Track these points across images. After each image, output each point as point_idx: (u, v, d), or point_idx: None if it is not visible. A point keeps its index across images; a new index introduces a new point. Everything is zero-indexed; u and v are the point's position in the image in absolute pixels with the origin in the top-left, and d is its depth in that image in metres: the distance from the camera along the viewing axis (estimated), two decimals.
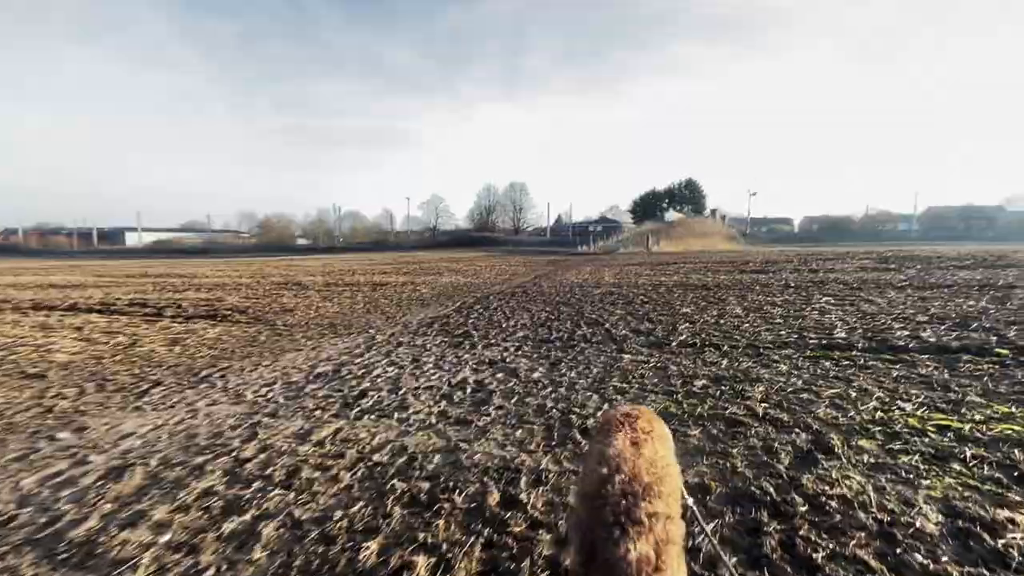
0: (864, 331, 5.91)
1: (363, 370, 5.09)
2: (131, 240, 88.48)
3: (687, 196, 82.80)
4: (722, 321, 6.97)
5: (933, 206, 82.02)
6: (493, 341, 6.34)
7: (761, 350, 5.30)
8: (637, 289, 11.17)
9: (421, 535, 2.20)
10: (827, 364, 4.67)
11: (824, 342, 5.49)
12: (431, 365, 5.23)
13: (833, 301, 8.27)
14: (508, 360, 5.35)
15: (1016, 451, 2.74)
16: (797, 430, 3.15)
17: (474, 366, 5.15)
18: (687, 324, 6.85)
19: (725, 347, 5.48)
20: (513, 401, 4.00)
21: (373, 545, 2.13)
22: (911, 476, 2.54)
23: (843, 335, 5.76)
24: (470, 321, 7.85)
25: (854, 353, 5.00)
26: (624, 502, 1.29)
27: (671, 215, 71.20)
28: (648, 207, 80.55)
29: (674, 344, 5.80)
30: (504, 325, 7.40)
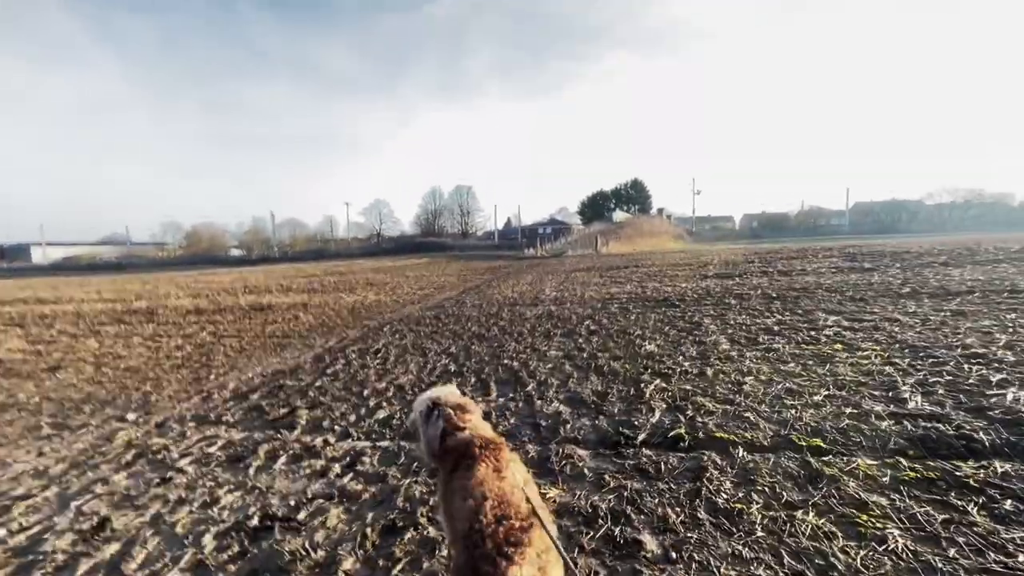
0: (953, 395, 3.48)
1: None
2: (37, 256, 79.11)
3: (634, 196, 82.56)
4: (709, 370, 4.42)
5: (860, 201, 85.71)
6: (327, 435, 3.48)
7: (808, 457, 2.73)
8: (583, 307, 8.59)
9: None
10: (979, 520, 2.14)
11: (910, 428, 2.99)
12: (106, 558, 2.31)
13: (845, 323, 5.96)
14: (306, 509, 2.51)
15: None
16: None
17: (213, 548, 2.27)
18: (658, 381, 4.24)
19: (739, 451, 2.87)
20: None
21: None
22: None
23: (927, 407, 3.30)
24: (323, 379, 4.95)
25: (1001, 467, 2.50)
26: (500, 528, 1.26)
27: (619, 215, 70.35)
28: (596, 208, 79.63)
29: (642, 438, 3.15)
30: (368, 391, 4.54)
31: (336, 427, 3.71)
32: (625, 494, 2.51)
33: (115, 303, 14.72)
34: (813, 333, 5.54)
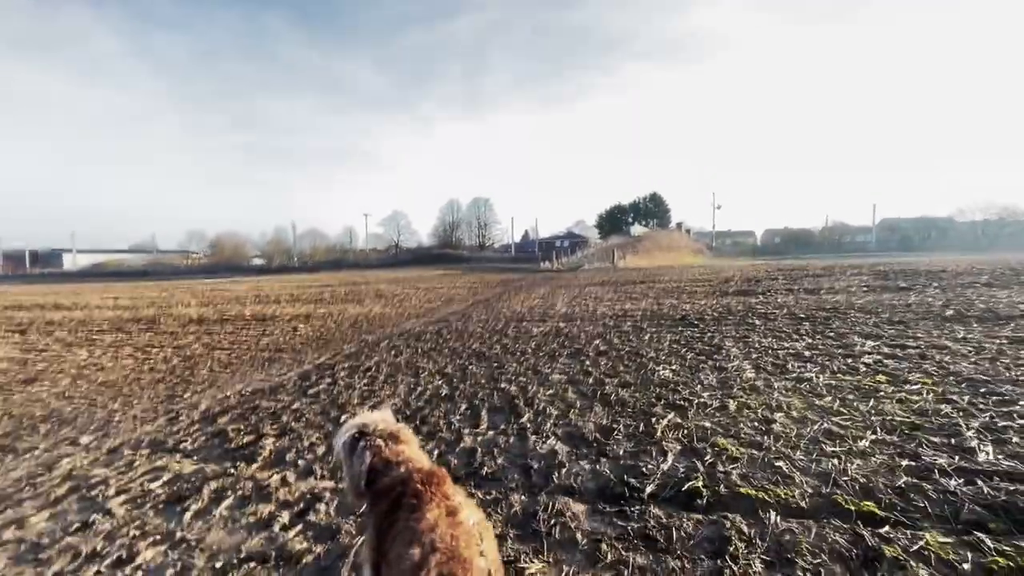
0: None
1: None
2: (68, 263, 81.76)
3: (652, 210, 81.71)
4: (731, 403, 3.86)
5: (887, 217, 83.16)
6: (288, 470, 3.03)
7: (860, 528, 2.17)
8: (594, 325, 8.06)
9: None
10: None
11: (988, 492, 2.40)
12: None
13: (886, 349, 5.32)
14: None
15: None
16: None
17: None
18: (672, 415, 3.69)
19: (771, 515, 2.32)
20: None
21: None
22: None
23: (1003, 460, 2.70)
24: (302, 401, 4.53)
25: None
26: None
27: (637, 229, 69.57)
28: (614, 222, 78.96)
29: (651, 490, 2.62)
30: (347, 417, 4.09)
31: (300, 460, 3.26)
32: (626, 573, 1.98)
33: (126, 310, 14.70)
34: (850, 361, 4.92)
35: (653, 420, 3.59)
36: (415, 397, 4.57)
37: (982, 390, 3.84)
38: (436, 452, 3.28)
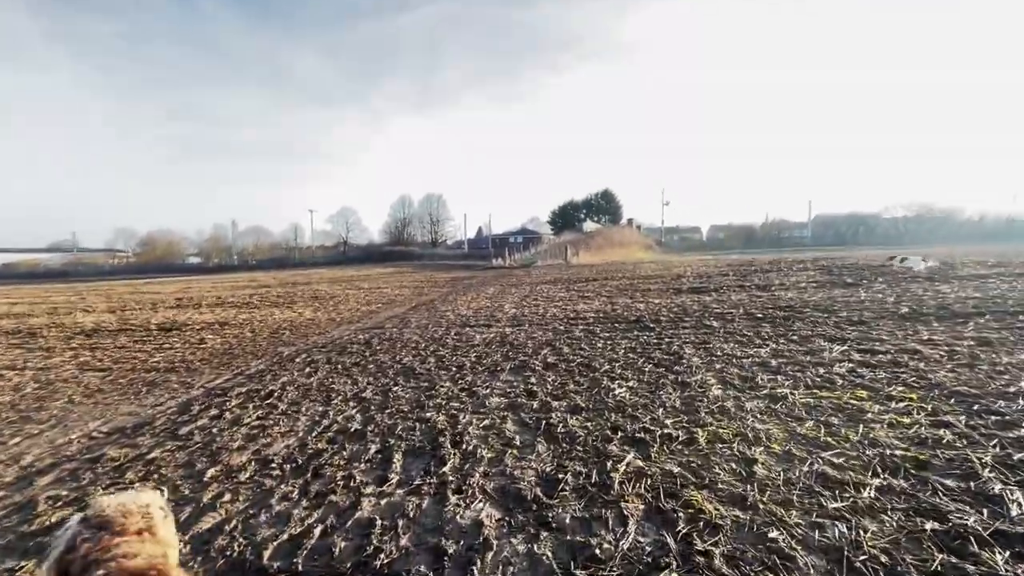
0: None
1: None
2: None
3: (604, 206, 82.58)
4: (701, 435, 3.18)
5: (821, 214, 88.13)
6: None
7: None
8: (543, 330, 7.32)
9: None
10: None
11: None
12: None
13: (856, 356, 4.87)
14: None
15: None
16: None
17: None
18: (632, 455, 2.96)
19: None
20: None
21: None
22: None
23: None
24: (166, 446, 3.49)
25: None
26: None
27: (589, 225, 70.14)
28: (567, 218, 79.29)
29: None
30: (216, 471, 3.12)
31: None
32: None
33: (11, 318, 12.70)
34: (822, 371, 4.40)
35: (609, 464, 2.85)
36: (316, 435, 3.64)
37: (975, 407, 3.36)
38: (320, 528, 2.40)
